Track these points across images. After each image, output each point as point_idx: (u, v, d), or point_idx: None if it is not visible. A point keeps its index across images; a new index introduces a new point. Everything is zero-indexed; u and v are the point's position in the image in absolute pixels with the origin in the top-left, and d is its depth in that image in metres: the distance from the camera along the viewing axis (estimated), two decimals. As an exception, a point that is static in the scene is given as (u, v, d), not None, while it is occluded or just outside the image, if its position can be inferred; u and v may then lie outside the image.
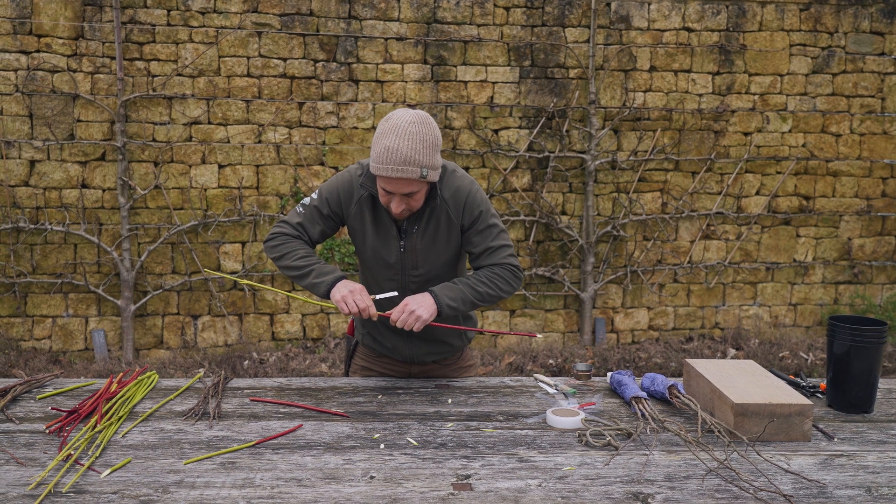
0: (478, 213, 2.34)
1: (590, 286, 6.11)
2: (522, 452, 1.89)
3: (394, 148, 2.12)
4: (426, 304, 2.22)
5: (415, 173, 2.13)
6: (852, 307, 6.44)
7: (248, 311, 5.86)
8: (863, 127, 6.30)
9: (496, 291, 2.32)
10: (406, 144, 2.12)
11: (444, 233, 2.35)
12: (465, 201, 2.33)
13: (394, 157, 2.12)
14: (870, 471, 1.81)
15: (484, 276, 2.32)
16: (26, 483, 1.68)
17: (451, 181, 2.34)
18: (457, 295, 2.26)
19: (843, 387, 2.21)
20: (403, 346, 2.51)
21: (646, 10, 6.01)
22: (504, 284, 2.33)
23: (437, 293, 2.25)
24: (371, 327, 2.56)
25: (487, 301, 2.32)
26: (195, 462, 1.81)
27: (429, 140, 2.16)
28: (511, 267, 2.35)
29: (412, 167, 2.13)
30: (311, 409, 2.19)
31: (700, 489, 1.69)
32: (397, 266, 2.37)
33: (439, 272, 2.40)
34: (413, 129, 2.13)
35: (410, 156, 2.12)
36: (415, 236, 2.34)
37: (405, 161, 2.12)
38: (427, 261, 2.37)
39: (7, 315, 5.63)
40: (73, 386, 2.37)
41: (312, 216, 2.41)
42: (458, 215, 2.34)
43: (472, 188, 2.35)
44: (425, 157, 2.15)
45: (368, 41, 5.77)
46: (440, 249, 2.37)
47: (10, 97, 5.45)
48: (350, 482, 1.71)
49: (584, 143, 6.06)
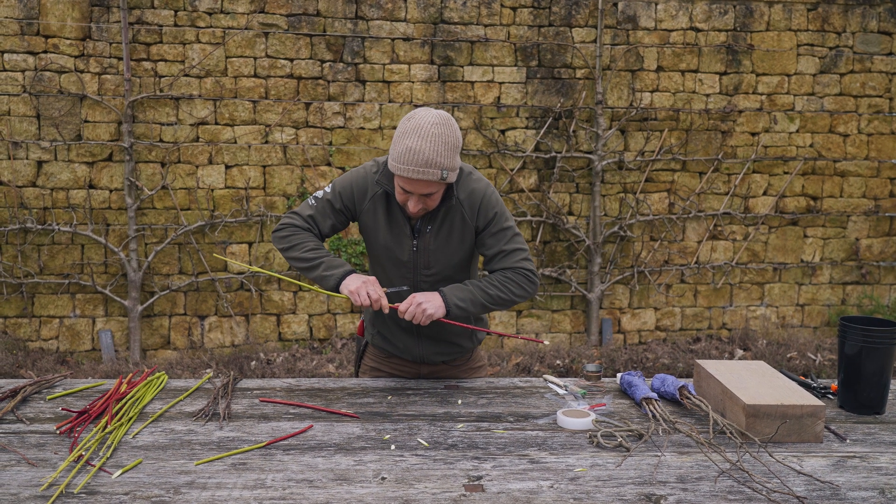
0: (492, 215, 2.34)
1: (597, 287, 6.10)
2: (533, 453, 1.89)
3: (416, 149, 2.12)
4: (434, 301, 2.22)
5: (435, 175, 2.14)
6: (860, 308, 6.42)
7: (255, 312, 5.87)
8: (871, 127, 6.28)
9: (508, 295, 2.31)
10: (428, 146, 2.12)
11: (458, 233, 2.35)
12: (481, 203, 2.33)
13: (415, 158, 2.12)
14: (883, 472, 1.80)
15: (496, 279, 2.32)
16: (38, 484, 1.68)
17: (467, 183, 2.34)
18: (466, 296, 2.26)
19: (855, 388, 2.20)
20: (414, 345, 2.50)
21: (653, 10, 6.00)
22: (517, 289, 2.32)
23: (446, 293, 2.25)
24: (382, 326, 2.55)
25: (498, 305, 2.31)
26: (206, 463, 1.81)
27: (450, 142, 2.16)
28: (525, 271, 2.33)
29: (433, 169, 2.13)
30: (321, 410, 2.19)
31: (713, 490, 1.68)
32: (409, 265, 2.37)
33: (451, 273, 2.39)
34: (435, 131, 2.13)
35: (432, 158, 2.12)
36: (428, 236, 2.34)
37: (426, 163, 2.12)
38: (439, 261, 2.36)
39: (14, 315, 5.64)
40: (83, 386, 2.37)
41: (324, 209, 2.40)
42: (473, 217, 2.34)
43: (488, 191, 2.35)
44: (446, 159, 2.15)
45: (375, 41, 5.77)
46: (453, 250, 2.36)
47: (18, 98, 5.46)
48: (361, 483, 1.71)
49: (590, 143, 6.05)
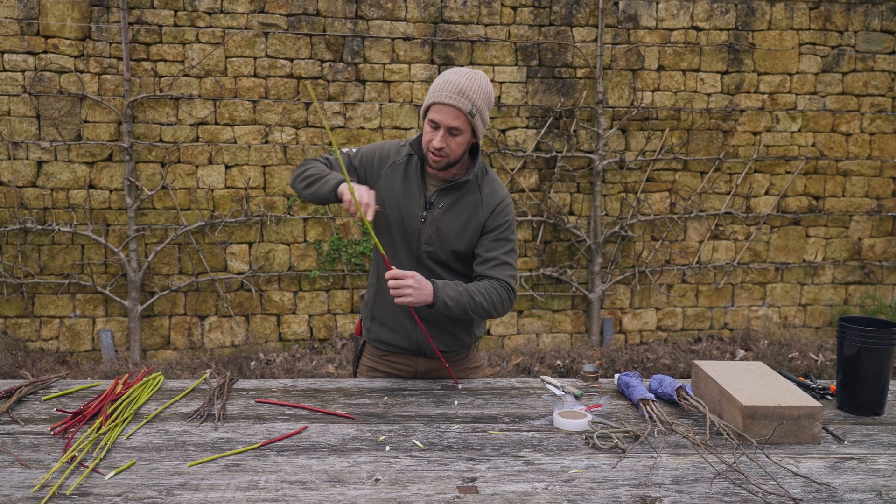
0: (504, 222, 2.41)
1: (598, 287, 6.09)
2: (529, 455, 1.88)
3: (453, 81, 2.24)
4: (425, 290, 2.23)
5: (466, 106, 2.23)
6: (863, 308, 6.40)
7: (255, 312, 5.86)
8: (873, 126, 6.26)
9: (490, 307, 2.34)
10: (465, 81, 2.24)
11: (466, 218, 2.39)
12: (499, 205, 2.41)
13: (451, 86, 2.23)
14: (880, 474, 1.78)
15: (484, 288, 2.34)
16: (30, 485, 1.67)
17: (493, 181, 2.46)
18: (455, 296, 2.28)
19: (854, 389, 2.18)
20: (412, 330, 2.49)
21: (654, 9, 5.98)
22: (499, 305, 2.36)
23: (438, 287, 2.26)
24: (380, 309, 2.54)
25: (478, 314, 2.34)
26: (200, 464, 1.80)
27: (485, 89, 2.28)
28: (509, 287, 2.39)
29: (465, 99, 2.23)
30: (317, 411, 2.18)
31: (708, 492, 1.67)
32: (413, 235, 2.41)
33: (447, 259, 2.42)
34: (474, 75, 2.27)
35: (465, 89, 2.23)
36: (438, 211, 2.39)
37: (461, 92, 2.23)
38: (441, 239, 2.40)
39: (14, 316, 5.64)
40: (79, 387, 2.37)
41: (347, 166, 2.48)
42: (488, 213, 2.39)
43: (508, 199, 2.45)
44: (479, 99, 2.25)
45: (375, 41, 5.77)
46: (456, 233, 2.40)
47: (18, 98, 5.46)
48: (355, 485, 1.70)
49: (591, 142, 6.04)
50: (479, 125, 2.29)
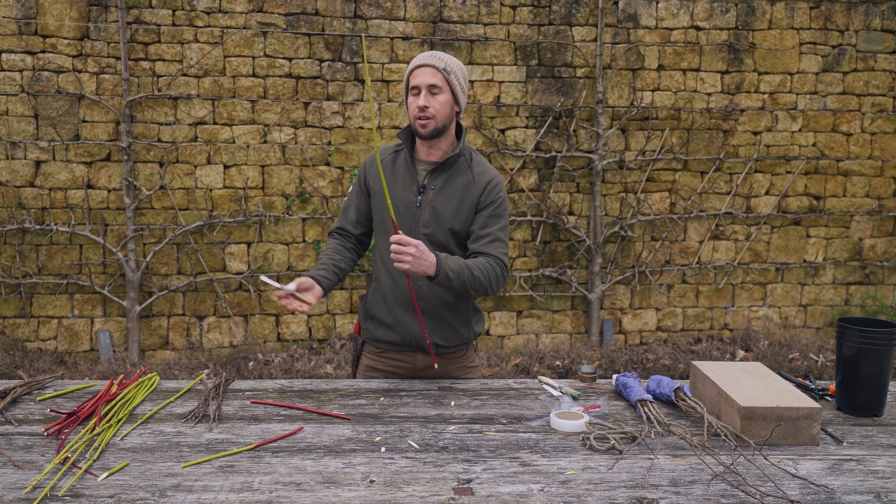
0: (497, 198, 2.47)
1: (597, 287, 6.07)
2: (525, 456, 1.86)
3: (425, 52, 2.49)
4: (426, 260, 2.25)
5: (440, 63, 2.39)
6: (863, 308, 6.38)
7: (254, 312, 5.85)
8: (874, 126, 6.25)
9: (486, 283, 2.37)
10: (439, 52, 2.51)
11: (459, 196, 2.45)
12: (490, 182, 2.49)
13: (423, 55, 2.44)
14: (879, 476, 1.77)
15: (482, 265, 2.38)
16: (22, 486, 1.66)
17: (482, 162, 2.54)
18: (456, 269, 2.31)
19: (853, 390, 2.17)
20: (410, 321, 2.50)
21: (654, 9, 5.97)
22: (495, 282, 2.40)
23: (441, 259, 2.29)
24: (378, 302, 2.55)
25: (475, 289, 2.37)
26: (193, 465, 1.79)
27: (456, 61, 2.46)
28: (503, 264, 2.44)
29: (437, 59, 2.41)
30: (313, 412, 2.17)
31: (706, 494, 1.66)
32: (411, 221, 2.46)
33: (444, 240, 2.46)
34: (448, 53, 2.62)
35: (437, 55, 2.43)
36: (431, 193, 2.45)
37: (432, 55, 2.42)
38: (437, 219, 2.44)
39: (12, 316, 5.63)
40: (74, 387, 2.36)
41: (350, 199, 2.63)
42: (480, 190, 2.47)
43: (499, 177, 2.54)
44: (451, 63, 2.43)
45: (374, 40, 5.75)
46: (452, 211, 2.45)
47: (16, 98, 5.45)
48: (349, 486, 1.69)
49: (591, 142, 6.02)
50: (456, 86, 2.42)
